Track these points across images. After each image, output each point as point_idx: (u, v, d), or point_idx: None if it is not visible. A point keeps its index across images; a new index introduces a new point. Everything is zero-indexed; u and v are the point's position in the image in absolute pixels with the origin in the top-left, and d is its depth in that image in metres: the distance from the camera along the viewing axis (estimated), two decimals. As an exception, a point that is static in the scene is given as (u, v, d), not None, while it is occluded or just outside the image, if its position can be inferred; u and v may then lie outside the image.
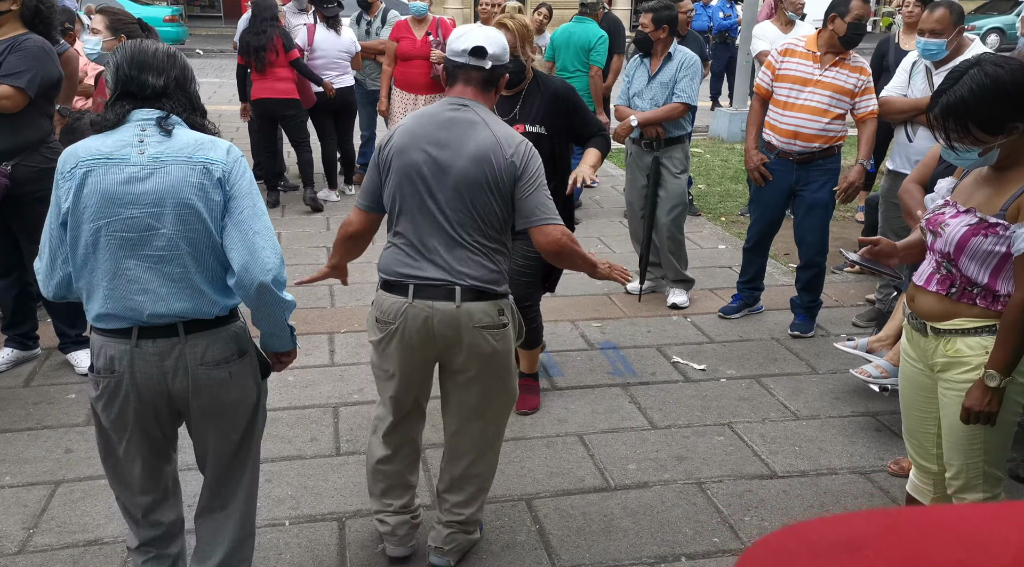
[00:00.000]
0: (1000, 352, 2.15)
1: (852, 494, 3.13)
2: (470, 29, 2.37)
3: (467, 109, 2.35)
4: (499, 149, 2.31)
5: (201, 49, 18.78)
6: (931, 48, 3.80)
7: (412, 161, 2.31)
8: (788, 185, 4.38)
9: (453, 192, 2.30)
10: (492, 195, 2.31)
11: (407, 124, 2.37)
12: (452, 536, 2.61)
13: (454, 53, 2.36)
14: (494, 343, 2.40)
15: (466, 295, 2.32)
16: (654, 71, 4.75)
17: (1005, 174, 2.20)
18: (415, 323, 2.34)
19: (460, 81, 2.38)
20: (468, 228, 2.33)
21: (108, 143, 1.97)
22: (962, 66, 2.16)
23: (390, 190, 2.36)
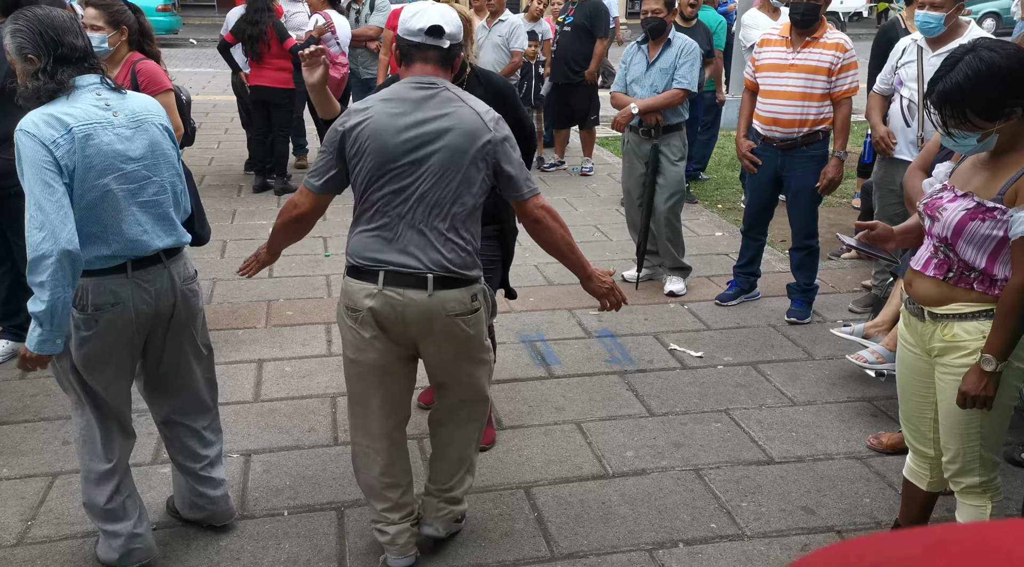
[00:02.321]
0: (997, 337, 2.15)
1: (849, 479, 3.14)
2: (424, 7, 2.29)
3: (436, 87, 2.28)
4: (481, 122, 2.27)
5: (194, 39, 18.66)
6: (929, 21, 3.78)
7: (392, 143, 2.23)
8: (774, 170, 4.42)
9: (438, 170, 2.24)
10: (478, 168, 2.28)
11: (377, 107, 2.26)
12: (438, 505, 2.63)
13: (409, 32, 2.27)
14: (467, 330, 2.36)
15: (438, 283, 2.27)
16: (653, 58, 4.73)
17: (1002, 158, 2.19)
18: (385, 310, 2.28)
19: (418, 60, 2.30)
20: (448, 207, 2.27)
21: (82, 109, 2.23)
22: (957, 52, 2.15)
23: (364, 174, 2.27)
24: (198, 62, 15.11)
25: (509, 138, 2.32)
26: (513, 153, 2.33)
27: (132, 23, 3.62)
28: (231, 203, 6.61)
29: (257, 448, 3.28)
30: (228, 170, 7.64)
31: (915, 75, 3.91)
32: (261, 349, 4.13)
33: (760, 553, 2.73)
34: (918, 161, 3.26)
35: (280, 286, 4.90)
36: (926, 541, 0.54)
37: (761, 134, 4.40)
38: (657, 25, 4.65)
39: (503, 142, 2.30)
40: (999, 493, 2.41)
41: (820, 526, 2.87)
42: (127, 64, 3.61)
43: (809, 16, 4.16)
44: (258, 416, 3.51)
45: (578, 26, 7.17)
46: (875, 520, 2.91)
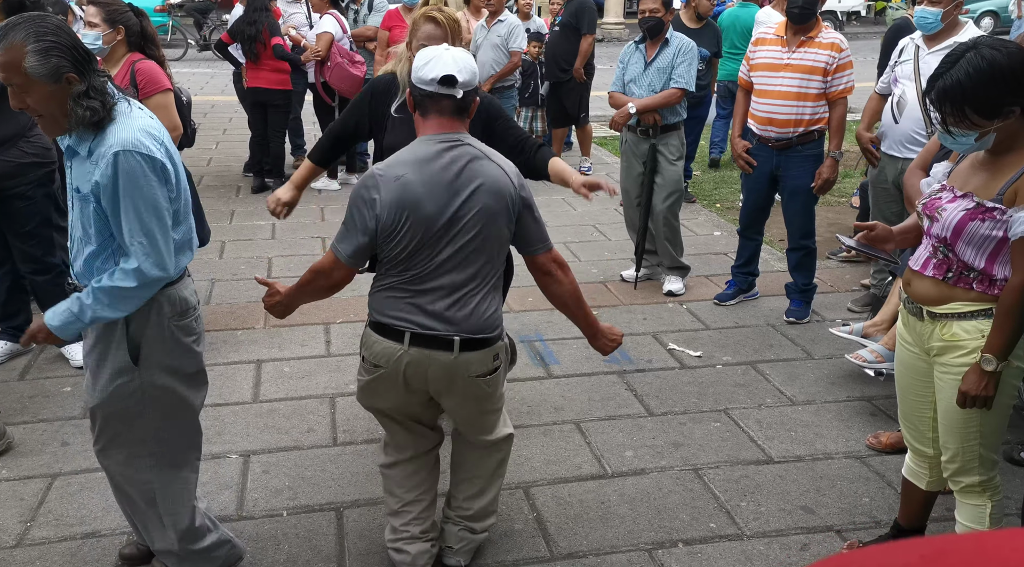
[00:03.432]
0: (997, 336, 2.15)
1: (848, 478, 3.14)
2: (437, 54, 2.21)
3: (461, 144, 2.24)
4: (508, 179, 2.25)
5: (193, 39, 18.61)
6: (927, 16, 3.78)
7: (429, 213, 2.17)
8: (769, 170, 4.42)
9: (474, 233, 2.21)
10: (507, 227, 2.27)
11: (409, 177, 2.18)
12: (459, 534, 2.58)
13: (422, 81, 2.20)
14: (486, 389, 2.36)
15: (464, 346, 2.25)
16: (651, 57, 4.73)
17: (1002, 158, 2.19)
18: (408, 369, 2.28)
19: (433, 112, 2.23)
20: (479, 269, 2.26)
21: (145, 117, 2.19)
22: (958, 50, 2.14)
23: (397, 243, 2.20)
24: (196, 63, 15.10)
25: (527, 188, 2.33)
26: (533, 205, 2.33)
27: (132, 23, 3.61)
28: (229, 204, 6.60)
29: (256, 449, 3.27)
30: (227, 171, 7.63)
31: (910, 73, 3.91)
32: (260, 350, 4.13)
33: (759, 553, 2.73)
34: (918, 161, 3.26)
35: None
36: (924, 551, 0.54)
37: (756, 134, 4.40)
38: (655, 25, 4.65)
39: (527, 197, 2.31)
40: (998, 492, 2.41)
41: (819, 525, 2.87)
42: (127, 64, 3.60)
43: (807, 11, 4.16)
44: (257, 417, 3.51)
45: (566, 24, 7.19)
46: (874, 519, 2.91)
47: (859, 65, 4.69)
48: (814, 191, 4.35)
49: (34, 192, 3.75)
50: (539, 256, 2.36)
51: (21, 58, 1.99)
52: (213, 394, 3.66)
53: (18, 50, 2.00)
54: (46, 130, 2.16)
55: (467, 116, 2.29)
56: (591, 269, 5.29)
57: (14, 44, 2.00)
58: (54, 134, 2.16)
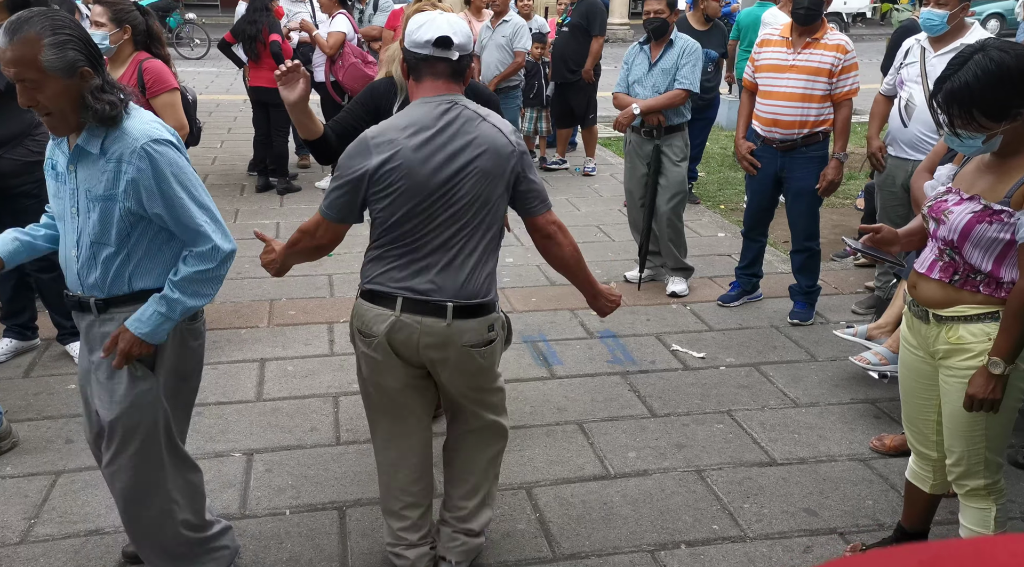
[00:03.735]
0: (1004, 339, 2.15)
1: (851, 481, 3.14)
2: (431, 17, 2.18)
3: (456, 105, 2.19)
4: (504, 138, 2.22)
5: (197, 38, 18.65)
6: (933, 18, 3.76)
7: (423, 178, 2.13)
8: (774, 171, 4.42)
9: (470, 197, 2.18)
10: (505, 187, 2.25)
11: (402, 143, 2.14)
12: (453, 535, 2.54)
13: (416, 44, 2.16)
14: (480, 361, 2.31)
15: (457, 313, 2.21)
16: (655, 58, 4.72)
17: (1008, 161, 2.19)
18: (400, 335, 2.23)
19: (427, 75, 2.19)
20: (474, 232, 2.22)
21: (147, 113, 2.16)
22: (966, 52, 2.14)
23: (392, 209, 2.17)
24: (201, 61, 15.13)
25: (525, 148, 2.30)
26: (531, 164, 2.30)
27: (138, 22, 3.62)
28: (234, 202, 6.61)
29: (259, 447, 3.28)
30: (231, 170, 7.65)
31: (916, 75, 3.91)
32: (263, 348, 4.13)
33: (762, 555, 2.73)
34: (925, 163, 3.25)
35: (282, 285, 4.90)
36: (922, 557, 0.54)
37: (761, 135, 4.40)
38: (660, 26, 4.65)
39: (524, 155, 2.28)
40: (1003, 495, 2.40)
41: (823, 528, 2.87)
42: (133, 63, 3.61)
43: (813, 11, 4.16)
44: (260, 415, 3.51)
45: (575, 25, 7.20)
46: (878, 522, 2.90)
47: (864, 67, 4.68)
48: (819, 193, 4.35)
49: (40, 190, 3.75)
50: (538, 217, 2.33)
51: (37, 52, 1.93)
52: (217, 392, 3.68)
53: (34, 43, 1.93)
54: (53, 128, 2.08)
55: (462, 80, 2.26)
56: (595, 270, 5.25)
57: (29, 37, 1.93)
58: (61, 133, 2.09)
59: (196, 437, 3.23)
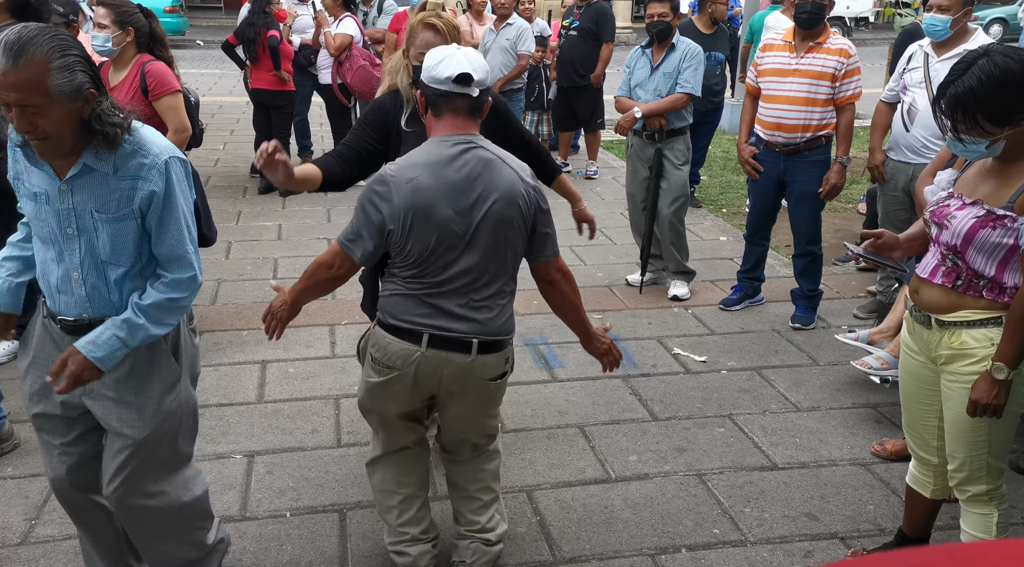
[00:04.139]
0: (1008, 344, 2.14)
1: (852, 485, 3.13)
2: (450, 53, 2.18)
3: (475, 146, 2.21)
4: (522, 184, 2.23)
5: (201, 40, 18.72)
6: (936, 24, 3.77)
7: (443, 217, 2.14)
8: (776, 175, 4.42)
9: (489, 238, 2.19)
10: (522, 232, 2.26)
11: (422, 180, 2.14)
12: (475, 547, 2.52)
13: (436, 81, 2.16)
14: (495, 393, 2.39)
15: (481, 348, 2.25)
16: (657, 62, 4.73)
17: (1011, 166, 2.18)
18: (424, 369, 2.25)
19: (447, 112, 2.20)
20: (495, 274, 2.24)
21: None
22: (969, 57, 2.13)
23: (414, 248, 2.17)
24: (205, 63, 15.17)
25: (540, 192, 2.30)
26: (546, 209, 2.31)
27: (141, 25, 3.62)
28: (236, 204, 6.62)
29: (260, 449, 3.28)
30: (234, 171, 7.66)
31: (919, 80, 3.91)
32: (265, 350, 4.13)
33: (763, 559, 2.72)
34: (930, 168, 3.25)
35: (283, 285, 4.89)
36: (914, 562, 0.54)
37: (764, 139, 4.40)
38: (664, 29, 4.66)
39: (542, 202, 2.28)
40: (1004, 501, 2.40)
41: (824, 533, 2.86)
42: (136, 65, 3.62)
43: (816, 15, 4.17)
44: (261, 417, 3.51)
45: (584, 30, 7.20)
46: (879, 527, 2.90)
47: (866, 71, 4.68)
48: (822, 196, 4.35)
49: None
50: (543, 264, 2.35)
51: (45, 76, 1.76)
52: (218, 394, 3.68)
53: (41, 66, 1.76)
54: (46, 153, 1.90)
55: (480, 116, 2.27)
56: (596, 273, 5.29)
57: (36, 59, 1.76)
58: (52, 158, 1.92)
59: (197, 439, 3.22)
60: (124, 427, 2.12)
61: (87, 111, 1.87)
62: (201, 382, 3.74)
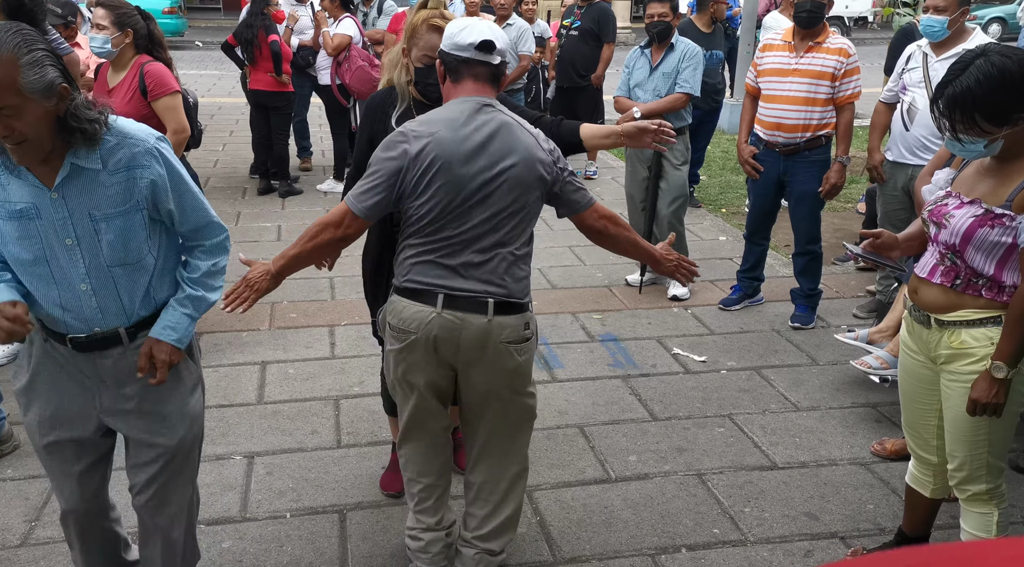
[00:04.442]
0: (1007, 343, 2.14)
1: (852, 485, 3.13)
2: (471, 22, 2.22)
3: (493, 109, 2.22)
4: (539, 146, 2.23)
5: (200, 41, 18.72)
6: (933, 25, 3.77)
7: (461, 174, 2.15)
8: (776, 175, 4.43)
9: (506, 198, 2.19)
10: (540, 194, 2.26)
11: (442, 135, 2.15)
12: (479, 557, 2.49)
13: (458, 47, 2.19)
14: (517, 358, 2.30)
15: (497, 308, 2.22)
16: (656, 62, 4.73)
17: (1009, 164, 2.18)
18: (441, 333, 2.22)
19: (467, 77, 2.22)
20: (511, 235, 2.23)
21: None
22: (967, 57, 2.14)
23: (430, 204, 2.17)
24: (204, 64, 15.17)
25: (559, 154, 2.30)
26: (567, 167, 2.31)
27: (139, 26, 3.63)
28: (235, 205, 6.62)
29: (260, 450, 3.28)
30: (233, 173, 7.66)
31: (919, 80, 3.91)
32: (264, 351, 4.13)
33: (763, 559, 2.72)
34: (929, 168, 3.25)
35: (284, 288, 4.88)
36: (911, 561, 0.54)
37: (764, 139, 4.41)
38: (664, 29, 4.66)
39: (559, 161, 2.28)
40: (1004, 500, 2.40)
41: (823, 532, 2.86)
42: (135, 66, 3.62)
43: (815, 15, 4.18)
44: (261, 418, 3.51)
45: (585, 30, 7.20)
46: (879, 527, 2.90)
47: (866, 71, 4.68)
48: (821, 196, 4.35)
49: None
50: (585, 213, 2.36)
51: (15, 74, 1.65)
52: (218, 395, 3.68)
53: (9, 65, 1.65)
54: (23, 157, 1.78)
55: (499, 85, 2.30)
56: (596, 273, 5.29)
57: (2, 58, 1.65)
58: (30, 162, 1.80)
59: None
60: (155, 437, 2.08)
61: (62, 108, 1.76)
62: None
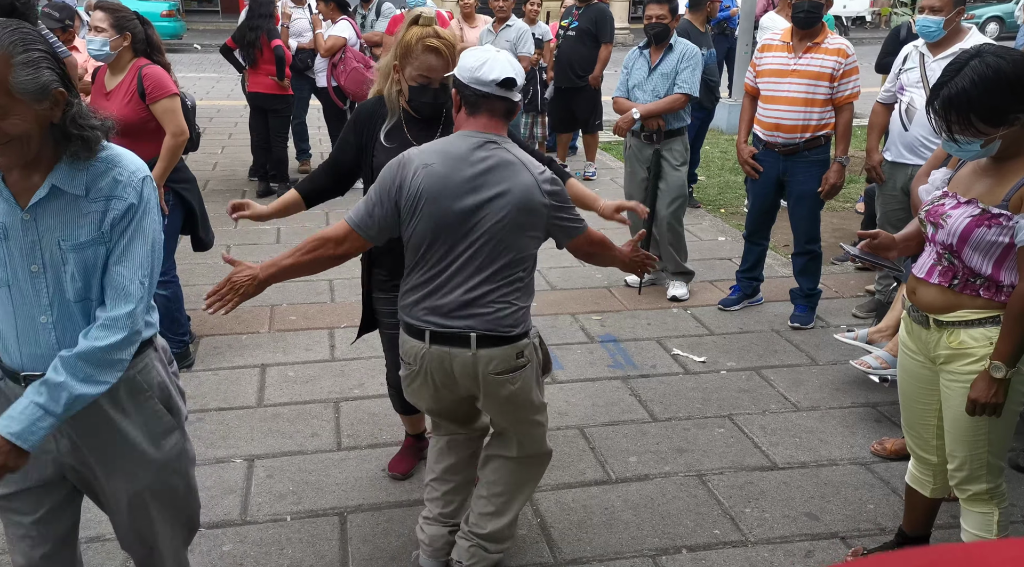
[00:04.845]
0: (1005, 343, 2.15)
1: (852, 485, 3.13)
2: (491, 55, 2.22)
3: (498, 147, 2.23)
4: (538, 190, 2.23)
5: (199, 44, 18.72)
6: (929, 25, 3.77)
7: (449, 210, 2.18)
8: (776, 175, 4.43)
9: (493, 238, 2.21)
10: (532, 236, 2.28)
11: (436, 168, 2.18)
12: (473, 550, 2.52)
13: (479, 82, 2.20)
14: (510, 387, 2.32)
15: (481, 342, 2.25)
16: (655, 62, 4.74)
17: (1005, 164, 2.19)
18: (434, 366, 2.30)
19: (484, 112, 2.24)
20: (499, 270, 2.24)
21: None
22: (962, 57, 2.14)
23: (417, 235, 2.22)
24: (202, 67, 15.17)
25: (558, 194, 2.29)
26: (565, 206, 2.31)
27: (138, 30, 3.63)
28: (235, 208, 6.62)
29: (260, 453, 3.28)
30: (232, 175, 7.66)
31: (916, 80, 3.92)
32: (264, 354, 4.13)
33: (764, 559, 2.72)
34: (926, 167, 3.26)
35: (284, 291, 4.90)
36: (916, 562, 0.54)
37: (763, 139, 4.41)
38: (662, 31, 4.67)
39: (558, 202, 2.28)
40: (1005, 499, 2.40)
41: (824, 532, 2.87)
42: (133, 69, 3.62)
43: (812, 15, 4.18)
44: (261, 421, 3.51)
45: (583, 31, 7.20)
46: (879, 526, 2.90)
47: (864, 71, 4.68)
48: (821, 196, 4.36)
49: None
50: (576, 241, 2.40)
51: (6, 72, 1.57)
52: (218, 398, 3.68)
53: (1, 62, 1.57)
54: (7, 160, 1.64)
55: (511, 119, 2.34)
56: (595, 274, 5.29)
57: None
58: (13, 163, 1.66)
59: (197, 443, 3.22)
60: (128, 482, 1.89)
61: (56, 114, 1.64)
62: (201, 386, 3.76)
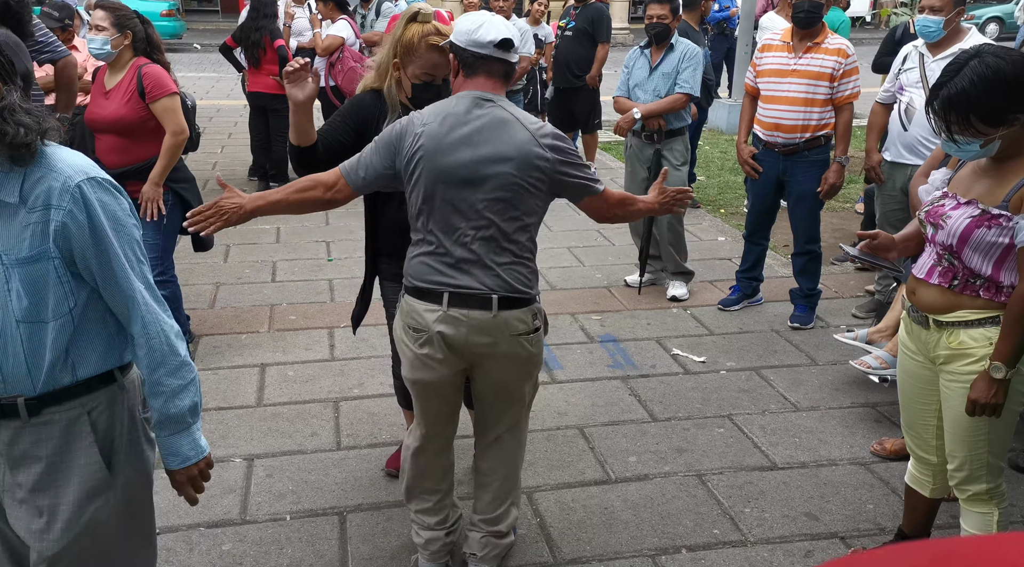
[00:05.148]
0: (1005, 343, 2.15)
1: (852, 485, 3.13)
2: (487, 19, 2.24)
3: (494, 105, 2.24)
4: (537, 145, 2.22)
5: (198, 43, 18.72)
6: (929, 25, 3.78)
7: (446, 167, 2.18)
8: (776, 175, 4.44)
9: (494, 198, 2.20)
10: (535, 193, 2.26)
11: (432, 127, 2.20)
12: (486, 540, 2.56)
13: (476, 43, 2.21)
14: (530, 349, 2.34)
15: (502, 304, 2.24)
16: (655, 62, 4.74)
17: (1005, 165, 2.19)
18: (449, 330, 2.25)
19: (482, 73, 2.25)
20: (506, 232, 2.24)
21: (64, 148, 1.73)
22: (962, 58, 2.14)
23: (417, 195, 2.23)
24: (202, 67, 15.16)
25: (562, 149, 2.28)
26: (572, 161, 2.30)
27: (138, 30, 3.64)
28: (234, 207, 6.62)
29: (260, 452, 3.28)
30: (232, 175, 7.65)
31: (916, 80, 3.92)
32: (264, 353, 4.13)
33: (763, 559, 2.72)
34: (924, 168, 3.26)
35: (283, 290, 4.90)
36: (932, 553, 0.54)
37: (763, 139, 4.41)
38: (663, 31, 4.67)
39: (562, 157, 2.27)
40: (1005, 499, 2.40)
41: (824, 532, 2.86)
42: (133, 68, 3.62)
43: (812, 15, 4.19)
44: (261, 420, 3.51)
45: (580, 30, 7.20)
46: (879, 526, 2.90)
47: (864, 71, 4.68)
48: (821, 196, 4.36)
49: None
50: (593, 201, 2.39)
51: None
52: (217, 398, 3.68)
53: None
54: None
55: (510, 81, 2.35)
56: (595, 274, 5.29)
57: None
58: None
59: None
60: (32, 539, 1.67)
61: None
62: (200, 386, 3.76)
